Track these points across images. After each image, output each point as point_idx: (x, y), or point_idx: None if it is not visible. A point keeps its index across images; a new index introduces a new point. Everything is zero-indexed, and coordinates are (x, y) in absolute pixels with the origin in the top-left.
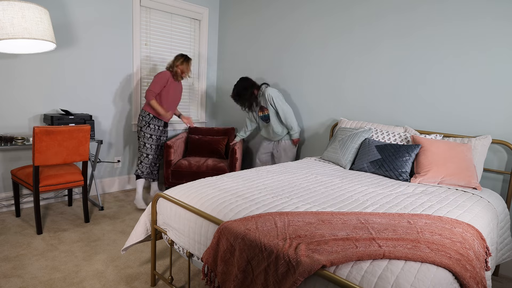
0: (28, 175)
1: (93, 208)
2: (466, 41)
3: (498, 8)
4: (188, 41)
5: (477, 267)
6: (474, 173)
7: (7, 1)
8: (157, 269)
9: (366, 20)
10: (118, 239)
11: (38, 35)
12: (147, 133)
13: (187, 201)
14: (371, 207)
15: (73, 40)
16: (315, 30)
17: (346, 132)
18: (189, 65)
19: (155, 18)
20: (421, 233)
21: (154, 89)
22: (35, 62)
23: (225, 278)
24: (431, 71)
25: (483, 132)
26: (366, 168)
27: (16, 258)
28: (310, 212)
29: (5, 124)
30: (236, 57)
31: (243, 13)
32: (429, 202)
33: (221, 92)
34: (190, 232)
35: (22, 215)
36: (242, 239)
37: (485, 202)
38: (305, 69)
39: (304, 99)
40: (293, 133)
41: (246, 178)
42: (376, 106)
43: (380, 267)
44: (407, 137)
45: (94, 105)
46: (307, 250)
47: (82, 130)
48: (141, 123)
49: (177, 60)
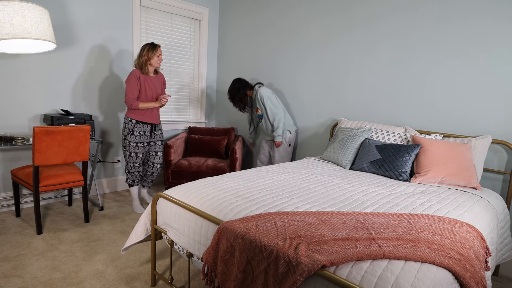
0: (28, 175)
1: (93, 208)
2: (466, 42)
3: (498, 9)
4: (188, 41)
5: (477, 267)
6: (474, 173)
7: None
8: (157, 269)
9: (366, 20)
10: (118, 239)
11: (38, 35)
12: (132, 142)
13: (187, 201)
14: (371, 207)
15: (73, 40)
16: (315, 30)
17: (346, 132)
18: (156, 51)
19: (155, 18)
20: (421, 233)
21: (131, 94)
22: (35, 62)
23: (225, 278)
24: (431, 71)
25: (483, 132)
26: (366, 168)
27: (16, 258)
28: (310, 212)
29: (5, 124)
30: (236, 57)
31: (243, 13)
32: (429, 202)
33: (221, 92)
34: (190, 232)
35: (22, 215)
36: (242, 239)
37: (485, 202)
38: (305, 69)
39: (304, 99)
40: (275, 135)
41: (246, 178)
42: (376, 106)
43: (380, 267)
44: (407, 137)
45: (94, 105)
46: (307, 250)
47: (82, 130)
48: (125, 131)
49: (142, 50)
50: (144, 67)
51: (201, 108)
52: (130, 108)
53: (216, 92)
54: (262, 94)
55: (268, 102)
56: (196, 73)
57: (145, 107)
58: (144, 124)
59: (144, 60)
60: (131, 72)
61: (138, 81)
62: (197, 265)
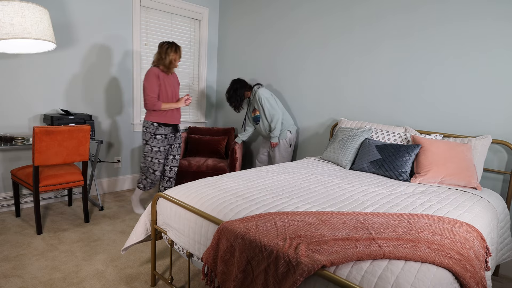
0: (28, 175)
1: (93, 208)
2: (466, 42)
3: (498, 9)
4: (188, 41)
5: (477, 267)
6: (474, 173)
7: (7, 1)
8: (157, 269)
9: (366, 20)
10: (118, 239)
11: (38, 35)
12: (155, 146)
13: (187, 201)
14: (371, 207)
15: (73, 40)
16: (315, 30)
17: (346, 132)
18: (181, 52)
19: (155, 18)
20: (421, 233)
21: (153, 93)
22: (35, 62)
23: (225, 278)
24: (431, 71)
25: (483, 132)
26: (366, 168)
27: (16, 258)
28: (310, 212)
29: (5, 124)
30: (236, 57)
31: (243, 13)
32: (429, 202)
33: (221, 92)
34: (190, 232)
35: (22, 215)
36: (242, 239)
37: (485, 202)
38: (305, 69)
39: (304, 99)
40: (272, 136)
41: (246, 178)
42: (376, 106)
43: (380, 267)
44: (407, 137)
45: (94, 105)
46: (307, 250)
47: (82, 130)
48: (146, 136)
49: (169, 49)
50: (170, 68)
51: (201, 108)
52: (152, 109)
53: (216, 92)
54: (260, 95)
55: (266, 103)
56: (196, 73)
57: (167, 108)
58: (166, 126)
59: (171, 60)
60: (150, 71)
61: (158, 79)
62: (197, 265)
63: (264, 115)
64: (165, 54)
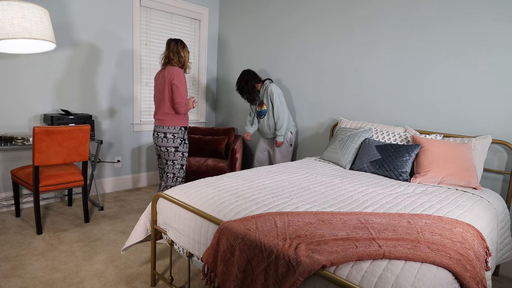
0: (28, 175)
1: (93, 208)
2: (466, 42)
3: (498, 9)
4: (188, 41)
5: (477, 267)
6: (474, 173)
7: (7, 1)
8: (157, 269)
9: (367, 20)
10: (118, 239)
11: (38, 35)
12: (186, 151)
13: (187, 201)
14: (371, 207)
15: (73, 40)
16: (315, 30)
17: (346, 132)
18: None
19: (155, 18)
20: (421, 233)
21: (186, 97)
22: (35, 62)
23: (225, 278)
24: (431, 71)
25: (483, 132)
26: (366, 168)
27: (16, 258)
28: (310, 212)
29: (5, 124)
30: (236, 57)
31: (243, 13)
32: (429, 202)
33: (221, 92)
34: (190, 232)
35: (22, 215)
36: (242, 239)
37: (485, 202)
38: (305, 69)
39: (304, 99)
40: (278, 134)
41: (246, 178)
42: (376, 106)
43: (380, 267)
44: (407, 137)
45: (94, 105)
46: (307, 250)
47: (82, 130)
48: (176, 142)
49: (184, 48)
50: (187, 67)
51: (201, 108)
52: (184, 113)
53: (216, 92)
54: (272, 90)
55: (277, 99)
56: (196, 73)
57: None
58: (186, 129)
59: (186, 59)
60: (181, 72)
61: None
62: (197, 265)
63: (271, 112)
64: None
